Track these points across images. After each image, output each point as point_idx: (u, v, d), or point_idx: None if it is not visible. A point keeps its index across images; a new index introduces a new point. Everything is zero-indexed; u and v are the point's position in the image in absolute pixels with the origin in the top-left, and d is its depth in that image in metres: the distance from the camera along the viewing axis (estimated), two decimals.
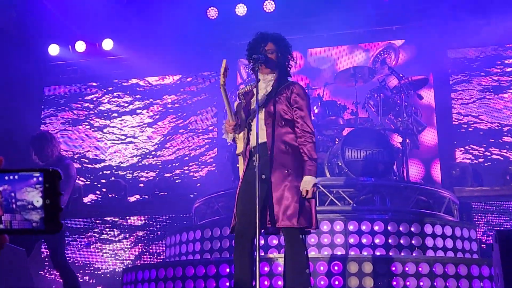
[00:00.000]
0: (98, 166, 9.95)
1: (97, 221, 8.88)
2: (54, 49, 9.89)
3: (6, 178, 0.71)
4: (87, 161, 10.00)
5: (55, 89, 10.53)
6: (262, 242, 5.43)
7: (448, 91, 9.01)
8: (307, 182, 3.54)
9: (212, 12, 9.49)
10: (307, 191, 3.52)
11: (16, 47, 9.53)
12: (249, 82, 4.09)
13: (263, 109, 3.69)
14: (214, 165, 9.43)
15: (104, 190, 9.55)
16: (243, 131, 3.75)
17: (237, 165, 3.84)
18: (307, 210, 3.53)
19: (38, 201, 0.70)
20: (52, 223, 0.70)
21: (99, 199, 9.61)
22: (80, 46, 9.85)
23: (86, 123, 10.22)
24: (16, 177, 0.71)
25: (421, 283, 5.00)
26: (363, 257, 5.09)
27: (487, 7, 8.52)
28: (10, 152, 8.55)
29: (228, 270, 5.14)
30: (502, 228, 7.28)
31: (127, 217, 8.78)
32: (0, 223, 0.73)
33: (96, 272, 8.65)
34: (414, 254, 5.45)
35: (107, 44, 9.76)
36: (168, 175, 9.56)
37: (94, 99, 10.35)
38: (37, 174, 0.70)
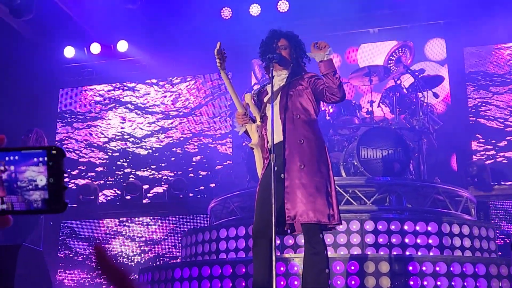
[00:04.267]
0: (113, 167, 10.00)
1: (113, 222, 8.91)
2: (69, 51, 9.97)
3: (7, 158, 0.68)
4: (103, 161, 10.06)
5: (70, 90, 10.60)
6: (278, 242, 5.42)
7: (464, 89, 8.94)
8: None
9: (226, 13, 9.50)
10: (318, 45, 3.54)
11: (32, 49, 9.62)
12: (264, 82, 4.09)
13: (277, 104, 3.67)
14: (229, 162, 9.43)
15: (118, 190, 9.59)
16: (255, 124, 3.73)
17: (255, 162, 3.78)
18: (327, 206, 3.47)
19: (42, 180, 0.67)
20: (57, 203, 0.67)
21: (115, 199, 9.66)
22: (95, 48, 9.91)
23: (102, 124, 10.28)
24: (17, 156, 0.69)
25: (439, 283, 4.96)
26: (380, 257, 5.06)
27: (504, 4, 8.44)
28: None
29: (244, 270, 5.14)
30: None
31: (143, 218, 8.81)
32: (3, 204, 0.70)
33: None
34: (431, 254, 5.41)
35: (122, 46, 9.81)
36: (183, 175, 9.57)
37: (110, 100, 10.40)
38: (40, 152, 0.68)
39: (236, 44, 9.31)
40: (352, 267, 4.95)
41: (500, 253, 6.10)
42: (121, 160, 9.99)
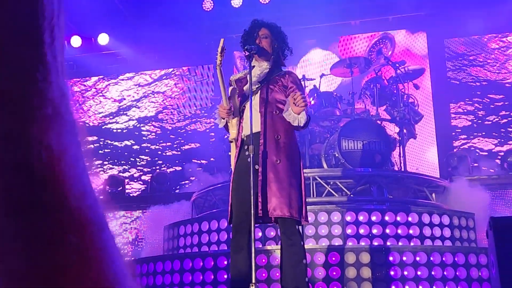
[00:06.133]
0: (97, 162, 9.95)
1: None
2: None
3: None
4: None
5: None
6: (260, 234, 5.43)
7: (445, 80, 9.00)
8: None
9: (208, 4, 9.46)
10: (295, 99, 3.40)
11: None
12: (245, 69, 4.08)
13: (257, 96, 3.67)
14: (212, 159, 9.42)
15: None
16: (236, 117, 3.74)
17: (229, 153, 3.82)
18: (299, 201, 3.51)
19: None
20: None
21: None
22: (76, 41, 9.82)
23: (84, 118, 10.21)
24: None
25: (419, 273, 5.00)
26: (360, 248, 5.08)
27: None
28: None
29: (226, 262, 5.14)
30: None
31: (125, 211, 8.76)
32: None
33: None
34: (411, 244, 5.45)
35: (103, 39, 9.73)
36: (166, 168, 9.55)
37: (91, 94, 10.33)
38: None
39: (217, 36, 9.27)
40: (333, 258, 4.97)
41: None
42: (101, 157, 9.94)
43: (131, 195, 9.46)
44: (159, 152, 9.78)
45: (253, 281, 3.29)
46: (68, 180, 0.40)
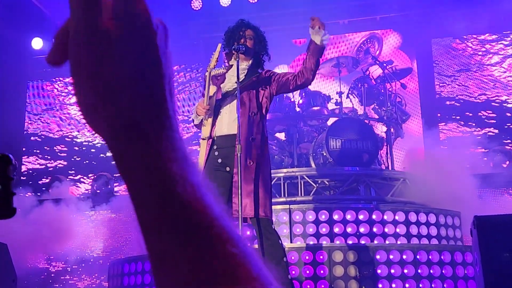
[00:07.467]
0: (86, 162, 9.92)
1: (87, 214, 8.84)
2: (37, 43, 9.81)
3: None
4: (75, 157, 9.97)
5: (39, 83, 10.45)
6: (248, 233, 5.45)
7: (432, 80, 9.07)
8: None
9: (196, 3, 9.45)
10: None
11: None
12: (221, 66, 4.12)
13: (234, 98, 3.69)
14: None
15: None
16: (211, 117, 3.77)
17: (198, 149, 3.83)
18: (270, 202, 3.57)
19: None
20: (6, 208, 0.70)
21: (86, 191, 9.58)
22: None
23: (72, 118, 10.17)
24: None
25: (406, 271, 5.04)
26: (348, 246, 5.12)
27: None
28: None
29: None
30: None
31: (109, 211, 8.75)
32: None
33: None
34: (398, 242, 5.49)
35: None
36: None
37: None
38: None
39: (206, 35, 9.29)
40: (321, 257, 5.00)
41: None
42: (92, 151, 9.91)
43: (119, 193, 9.44)
44: None
45: None
46: (208, 204, 0.48)
